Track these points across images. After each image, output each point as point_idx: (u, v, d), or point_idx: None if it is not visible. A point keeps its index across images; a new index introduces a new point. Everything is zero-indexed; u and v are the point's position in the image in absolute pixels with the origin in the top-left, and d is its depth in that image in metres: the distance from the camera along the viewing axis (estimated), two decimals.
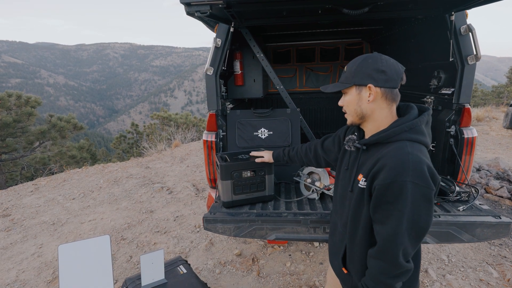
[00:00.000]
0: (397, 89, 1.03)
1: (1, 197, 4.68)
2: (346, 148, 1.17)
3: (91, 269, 1.69)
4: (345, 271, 1.18)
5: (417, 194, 0.89)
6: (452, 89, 2.14)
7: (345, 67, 1.09)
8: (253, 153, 1.93)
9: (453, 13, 1.98)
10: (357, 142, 1.12)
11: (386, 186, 0.92)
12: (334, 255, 1.27)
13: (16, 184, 6.14)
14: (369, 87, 1.01)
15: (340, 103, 1.13)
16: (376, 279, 0.99)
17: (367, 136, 1.11)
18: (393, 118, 1.05)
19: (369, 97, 1.02)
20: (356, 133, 1.17)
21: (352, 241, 1.12)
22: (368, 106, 1.04)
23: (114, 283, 2.41)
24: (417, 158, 0.92)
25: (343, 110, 1.14)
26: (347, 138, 1.17)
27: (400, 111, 1.09)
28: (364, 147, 1.08)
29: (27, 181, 6.11)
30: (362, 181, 1.04)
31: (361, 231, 1.07)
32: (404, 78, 1.03)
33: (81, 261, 1.67)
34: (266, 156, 1.83)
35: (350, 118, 1.12)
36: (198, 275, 2.02)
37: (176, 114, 13.37)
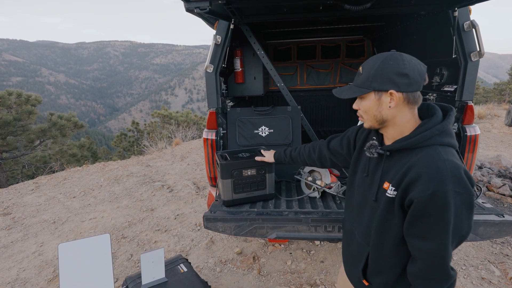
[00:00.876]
0: (419, 92, 0.96)
1: (2, 196, 4.69)
2: (368, 154, 1.09)
3: (92, 268, 1.68)
4: (366, 283, 1.12)
5: (458, 203, 0.85)
6: (455, 86, 2.11)
7: (361, 68, 1.00)
8: (257, 158, 1.89)
9: (456, 9, 1.95)
10: (379, 148, 1.04)
11: (428, 198, 0.86)
12: (352, 266, 1.20)
13: (17, 183, 6.15)
14: (390, 93, 0.93)
15: (355, 106, 1.06)
16: None
17: (387, 140, 1.05)
18: (416, 122, 0.98)
19: (390, 102, 0.94)
20: (374, 138, 1.11)
21: (378, 252, 1.06)
22: (390, 112, 0.96)
23: (115, 282, 2.41)
24: (454, 164, 0.87)
25: (358, 114, 1.07)
26: (368, 144, 1.10)
27: (420, 112, 1.01)
28: (388, 153, 1.02)
29: (28, 180, 6.12)
30: (390, 190, 0.97)
31: (390, 242, 1.01)
32: (427, 78, 0.95)
33: (81, 259, 1.66)
34: (267, 155, 1.81)
35: (368, 123, 1.05)
36: (198, 273, 2.01)
37: (177, 112, 13.36)
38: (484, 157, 5.42)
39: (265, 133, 2.37)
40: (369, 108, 0.99)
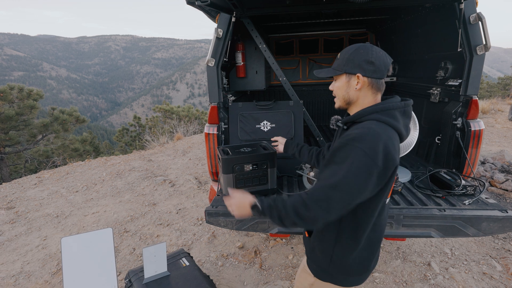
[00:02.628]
0: (383, 80, 1.09)
1: (5, 190, 4.72)
2: (331, 126, 1.29)
3: (94, 261, 1.70)
4: (307, 235, 1.29)
5: (361, 161, 0.93)
6: (460, 81, 2.08)
7: (339, 54, 1.15)
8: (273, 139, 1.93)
9: (462, 1, 1.91)
10: (339, 121, 1.21)
11: (338, 148, 0.99)
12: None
13: (20, 177, 6.19)
14: (357, 76, 1.07)
15: (330, 87, 1.21)
16: (284, 203, 1.02)
17: None
18: None
19: (357, 85, 1.08)
20: (344, 117, 1.26)
21: None
22: (355, 93, 1.10)
23: (117, 275, 2.43)
24: (376, 133, 0.97)
25: (333, 94, 1.22)
26: (332, 117, 1.31)
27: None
28: (345, 127, 1.15)
29: (31, 174, 6.16)
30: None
31: None
32: (391, 69, 1.09)
33: (84, 253, 1.68)
34: (280, 140, 1.86)
35: (338, 103, 1.19)
36: (200, 267, 2.03)
37: (178, 107, 13.33)
38: (487, 152, 5.39)
39: (267, 128, 2.36)
40: (340, 88, 1.15)
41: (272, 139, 1.90)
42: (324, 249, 1.16)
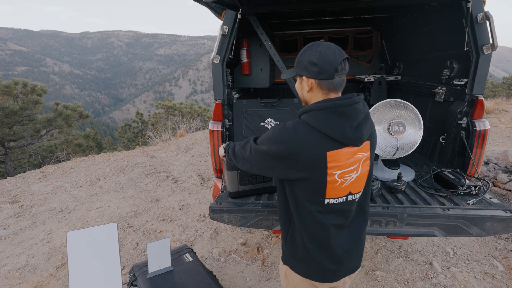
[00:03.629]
0: (336, 79, 1.04)
1: (10, 184, 4.77)
2: None
3: (99, 255, 1.72)
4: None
5: (269, 136, 1.09)
6: (465, 80, 2.07)
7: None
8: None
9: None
10: None
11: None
12: None
13: (24, 171, 6.25)
14: (304, 78, 1.08)
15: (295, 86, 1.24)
16: (235, 147, 1.36)
17: None
18: None
19: (306, 86, 1.09)
20: None
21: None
22: (308, 95, 1.11)
23: (121, 270, 2.46)
24: (285, 126, 1.07)
25: None
26: None
27: None
28: None
29: (35, 169, 6.21)
30: None
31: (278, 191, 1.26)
32: (342, 67, 1.03)
33: (89, 247, 1.70)
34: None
35: (302, 102, 1.22)
36: (203, 263, 2.04)
37: (181, 103, 13.35)
38: (491, 152, 5.36)
39: (271, 125, 2.36)
40: (297, 89, 1.18)
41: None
42: (283, 232, 1.24)
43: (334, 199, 1.08)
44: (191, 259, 2.01)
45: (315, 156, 1.01)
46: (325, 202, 1.08)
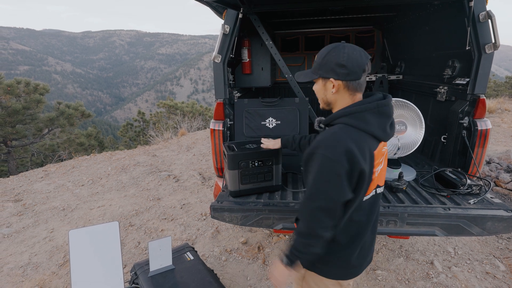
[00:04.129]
0: (360, 80, 1.07)
1: (13, 182, 4.80)
2: (315, 127, 1.29)
3: (101, 254, 1.73)
4: (295, 226, 1.30)
5: (324, 166, 0.98)
6: (467, 79, 2.07)
7: (316, 56, 1.15)
8: (263, 140, 1.90)
9: None
10: (321, 123, 1.23)
11: (307, 157, 1.06)
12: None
13: (27, 170, 6.28)
14: (331, 80, 1.08)
15: (313, 88, 1.22)
16: (296, 241, 1.09)
17: None
18: None
19: (332, 88, 1.09)
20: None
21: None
22: (332, 96, 1.12)
23: (123, 268, 2.47)
24: (338, 137, 1.01)
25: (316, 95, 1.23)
26: (316, 119, 1.31)
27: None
28: (326, 128, 1.18)
29: (37, 167, 6.24)
30: None
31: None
32: (368, 68, 1.06)
33: (91, 246, 1.71)
34: (273, 142, 1.82)
35: (321, 104, 1.21)
36: (204, 262, 2.05)
37: (182, 102, 13.36)
38: (493, 152, 5.34)
39: (272, 124, 2.37)
40: (318, 91, 1.17)
41: (263, 146, 1.85)
42: None
43: (367, 195, 1.12)
44: (192, 257, 2.02)
45: (366, 158, 1.03)
46: (363, 200, 1.11)
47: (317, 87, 1.17)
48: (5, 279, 2.53)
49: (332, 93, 1.11)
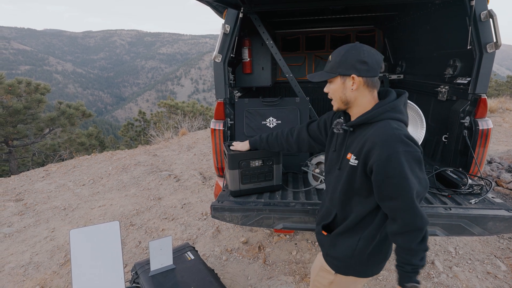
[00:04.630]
0: (377, 77, 1.13)
1: (14, 182, 4.81)
2: (335, 131, 1.26)
3: (102, 253, 1.73)
4: (325, 233, 1.30)
5: (411, 160, 0.99)
6: (468, 79, 2.06)
7: (330, 56, 1.17)
8: (233, 142, 1.93)
9: None
10: (344, 124, 1.21)
11: (385, 161, 1.00)
12: (319, 224, 1.37)
13: (28, 170, 6.29)
14: (352, 77, 1.10)
15: (325, 90, 1.21)
16: (412, 251, 1.04)
17: (352, 119, 1.20)
18: (375, 102, 1.15)
19: (352, 85, 1.11)
20: (342, 117, 1.26)
21: (343, 211, 1.23)
22: (352, 94, 1.13)
23: (124, 267, 2.48)
24: (398, 130, 1.03)
25: (328, 97, 1.22)
26: (335, 122, 1.27)
27: (380, 96, 1.18)
28: (351, 129, 1.18)
29: (38, 167, 6.25)
30: (352, 159, 1.13)
31: (352, 203, 1.19)
32: (383, 66, 1.13)
33: (92, 245, 1.71)
34: (241, 144, 1.86)
35: (336, 105, 1.20)
36: (205, 261, 2.05)
37: (183, 102, 13.37)
38: (494, 151, 5.33)
39: (272, 124, 2.36)
40: (336, 91, 1.16)
41: (232, 148, 1.88)
42: (349, 243, 1.19)
43: None
44: (193, 257, 2.02)
45: None
46: None
47: (334, 86, 1.16)
48: (6, 279, 2.53)
49: (351, 91, 1.12)
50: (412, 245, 1.03)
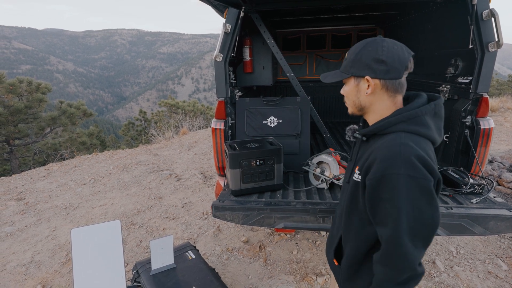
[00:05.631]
0: (401, 79, 0.93)
1: (15, 181, 4.82)
2: (346, 138, 1.13)
3: (103, 252, 1.73)
4: (336, 263, 1.14)
5: (413, 187, 0.81)
6: (470, 78, 2.06)
7: (346, 54, 1.01)
8: None
9: None
10: (356, 132, 1.06)
11: (377, 181, 0.85)
12: (329, 246, 1.23)
13: (29, 169, 6.31)
14: (366, 79, 0.93)
15: (341, 92, 1.06)
16: (382, 287, 0.90)
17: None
18: (396, 109, 0.96)
19: (367, 89, 0.94)
20: (361, 124, 1.11)
21: (346, 234, 1.07)
22: (367, 99, 0.96)
23: (125, 266, 2.48)
24: (408, 148, 0.84)
25: (344, 100, 1.07)
26: (347, 128, 1.14)
27: (409, 102, 0.99)
28: (364, 138, 1.02)
29: (40, 166, 6.27)
30: (356, 174, 0.99)
31: (355, 225, 1.01)
32: (411, 65, 0.92)
33: (93, 244, 1.71)
34: None
35: (350, 109, 1.05)
36: (206, 260, 2.06)
37: (184, 101, 13.37)
38: (496, 151, 5.32)
39: (273, 123, 2.36)
40: (349, 94, 1.00)
41: None
42: (365, 277, 1.01)
43: None
44: (193, 256, 2.02)
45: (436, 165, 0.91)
46: None
47: (348, 89, 1.00)
48: (8, 277, 2.54)
49: (366, 95, 0.95)
50: (386, 282, 0.88)
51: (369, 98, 0.96)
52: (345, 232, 1.07)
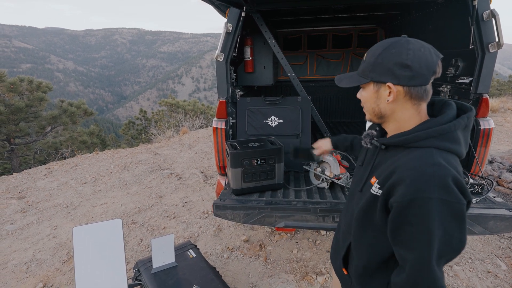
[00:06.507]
0: (427, 86, 0.83)
1: (17, 180, 4.83)
2: (363, 144, 1.02)
3: (104, 251, 1.74)
4: (346, 272, 1.08)
5: (446, 212, 0.74)
6: (470, 78, 2.06)
7: (365, 55, 0.90)
8: (314, 145, 1.63)
9: None
10: (375, 139, 0.96)
11: (406, 205, 0.77)
12: (335, 253, 1.17)
13: (30, 168, 6.32)
14: (388, 85, 0.83)
15: (358, 96, 0.97)
16: None
17: (388, 134, 0.95)
18: (421, 119, 0.87)
19: (388, 96, 0.85)
20: (378, 128, 1.02)
21: (356, 244, 1.01)
22: (388, 106, 0.87)
23: (126, 265, 2.49)
24: (443, 170, 0.76)
25: (361, 104, 0.97)
26: (365, 133, 1.02)
27: (434, 109, 0.90)
28: (383, 147, 0.93)
29: (40, 165, 6.28)
30: (375, 187, 0.89)
31: (368, 238, 0.95)
32: (439, 70, 0.82)
33: (94, 243, 1.72)
34: (324, 144, 1.57)
35: (367, 116, 0.96)
36: (207, 259, 2.07)
37: (184, 101, 13.38)
38: (496, 151, 5.32)
39: (274, 123, 2.37)
40: (368, 100, 0.91)
41: (315, 152, 1.60)
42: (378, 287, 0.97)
43: None
44: (194, 255, 2.03)
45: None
46: None
47: (366, 94, 0.91)
48: (9, 275, 2.55)
49: (387, 103, 0.86)
50: None
51: (390, 106, 0.86)
52: (356, 244, 1.01)
